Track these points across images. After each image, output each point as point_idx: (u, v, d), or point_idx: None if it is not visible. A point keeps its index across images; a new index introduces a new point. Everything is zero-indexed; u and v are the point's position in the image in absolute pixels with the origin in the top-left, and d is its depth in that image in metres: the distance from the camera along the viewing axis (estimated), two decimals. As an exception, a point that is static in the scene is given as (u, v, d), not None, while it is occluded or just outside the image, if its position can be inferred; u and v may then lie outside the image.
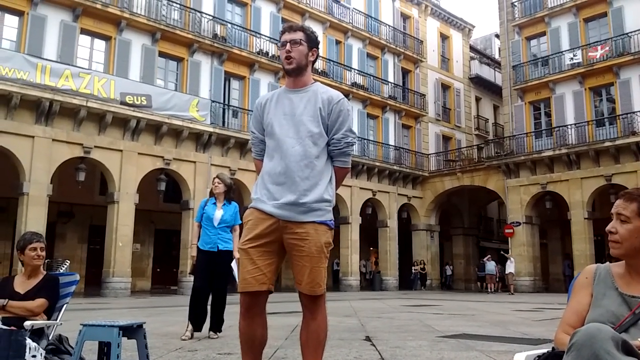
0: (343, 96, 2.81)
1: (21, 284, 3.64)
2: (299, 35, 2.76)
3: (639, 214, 1.85)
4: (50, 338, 3.51)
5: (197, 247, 6.23)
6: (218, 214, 6.14)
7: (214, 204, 6.24)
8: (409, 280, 28.42)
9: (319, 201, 2.64)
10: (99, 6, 18.41)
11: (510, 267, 24.11)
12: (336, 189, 2.82)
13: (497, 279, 26.78)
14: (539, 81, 26.11)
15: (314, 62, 2.84)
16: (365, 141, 27.03)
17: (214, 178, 6.41)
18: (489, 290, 25.73)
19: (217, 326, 6.12)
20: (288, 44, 2.73)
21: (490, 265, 26.18)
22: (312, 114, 2.70)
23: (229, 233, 6.21)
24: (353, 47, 27.86)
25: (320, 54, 26.44)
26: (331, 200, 2.70)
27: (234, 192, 6.44)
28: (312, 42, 2.80)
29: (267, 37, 23.44)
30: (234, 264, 6.05)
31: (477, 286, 28.19)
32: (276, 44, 23.88)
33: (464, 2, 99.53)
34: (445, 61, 33.74)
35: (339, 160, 2.77)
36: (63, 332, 3.71)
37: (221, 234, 6.11)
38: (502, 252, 24.81)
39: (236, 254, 6.09)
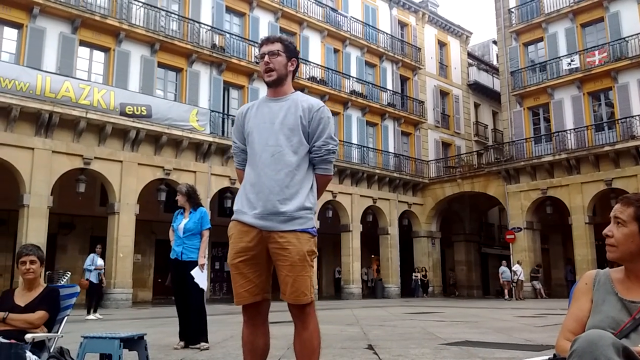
0: (323, 104, 2.82)
1: (21, 297, 3.63)
2: (276, 47, 2.76)
3: (635, 218, 1.86)
4: (51, 350, 3.50)
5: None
6: (182, 224, 6.27)
7: (182, 214, 6.42)
8: (411, 287, 28.34)
9: (300, 209, 2.64)
10: (97, 18, 18.49)
11: (522, 274, 23.95)
12: (318, 197, 2.82)
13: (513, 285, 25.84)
14: (537, 87, 26.15)
15: (294, 71, 2.84)
16: (365, 149, 27.06)
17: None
18: (506, 297, 24.40)
19: (202, 336, 6.05)
20: (266, 56, 2.74)
21: (508, 272, 24.93)
22: (292, 122, 2.70)
23: (196, 241, 6.25)
24: (351, 56, 27.95)
25: (319, 62, 26.65)
26: (312, 208, 2.70)
27: (197, 196, 6.52)
28: (291, 52, 2.80)
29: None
30: (194, 272, 6.04)
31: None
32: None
33: (462, 9, 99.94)
34: (443, 68, 33.82)
35: (320, 168, 2.77)
36: (64, 345, 3.70)
37: (186, 242, 6.20)
38: (518, 261, 24.53)
39: (200, 260, 6.13)
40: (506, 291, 24.93)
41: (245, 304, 2.68)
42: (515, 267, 24.32)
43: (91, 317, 12.21)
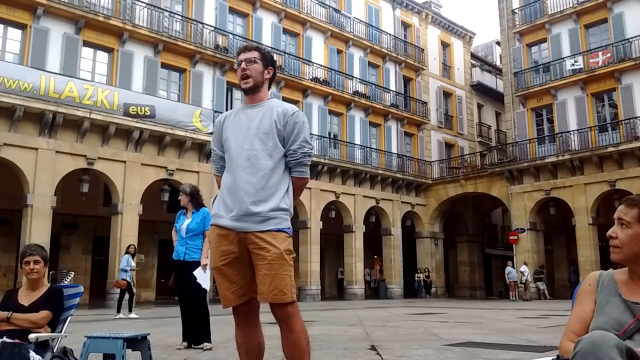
0: (298, 109, 2.89)
1: (25, 296, 3.63)
2: (253, 54, 2.86)
3: (639, 219, 1.86)
4: (54, 350, 3.51)
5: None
6: (185, 224, 6.30)
7: (184, 214, 6.44)
8: (414, 288, 28.32)
9: (274, 210, 2.69)
10: (101, 18, 18.54)
11: (529, 275, 23.84)
12: (295, 199, 2.87)
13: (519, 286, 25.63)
14: (541, 87, 26.12)
15: (271, 80, 2.93)
16: (368, 149, 27.05)
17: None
18: (512, 298, 24.25)
19: (204, 336, 6.07)
20: (243, 63, 2.83)
21: (514, 272, 24.60)
22: (267, 127, 2.77)
23: (199, 241, 6.27)
24: (354, 56, 27.94)
25: (322, 63, 26.65)
26: (288, 209, 2.75)
27: (200, 196, 6.55)
28: (268, 60, 2.89)
29: (269, 47, 23.52)
30: (196, 272, 6.07)
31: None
32: (279, 53, 24.06)
33: (465, 10, 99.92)
34: (446, 69, 33.79)
35: (296, 171, 2.83)
36: (68, 345, 3.71)
37: (189, 243, 6.24)
38: (525, 262, 24.48)
39: (203, 261, 6.15)
40: (512, 292, 24.80)
41: (233, 306, 2.74)
42: (523, 268, 24.23)
43: (133, 315, 12.54)
